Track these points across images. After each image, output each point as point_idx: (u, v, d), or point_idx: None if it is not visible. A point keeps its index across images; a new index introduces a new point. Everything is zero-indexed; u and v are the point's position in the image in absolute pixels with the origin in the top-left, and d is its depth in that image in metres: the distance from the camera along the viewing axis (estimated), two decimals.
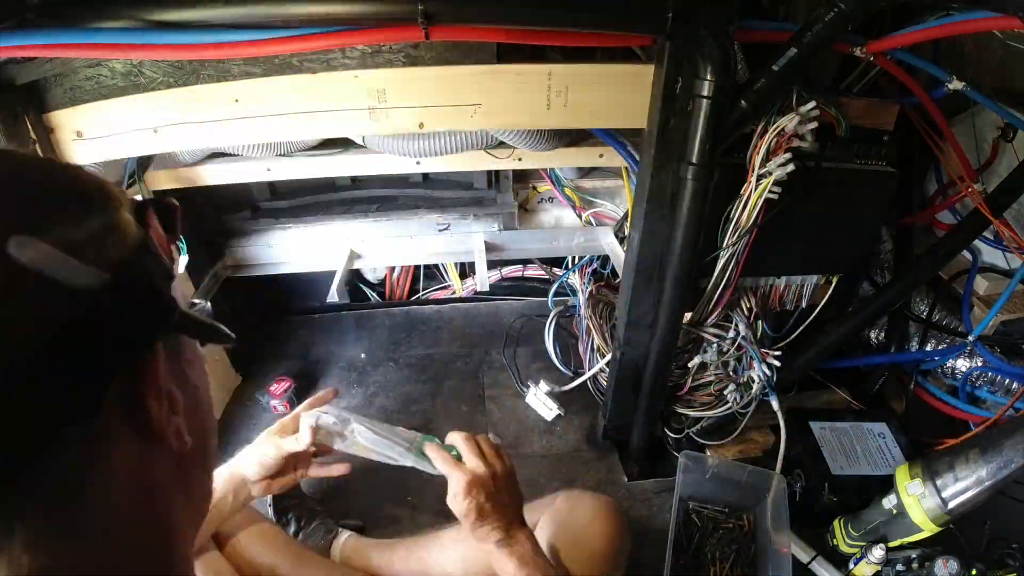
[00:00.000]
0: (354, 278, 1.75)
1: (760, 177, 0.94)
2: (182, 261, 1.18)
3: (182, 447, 0.34)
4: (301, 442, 0.83)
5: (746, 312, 1.16)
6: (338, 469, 0.91)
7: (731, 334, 1.15)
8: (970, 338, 1.25)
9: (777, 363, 1.16)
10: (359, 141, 1.18)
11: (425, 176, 1.48)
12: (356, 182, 1.50)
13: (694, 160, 0.88)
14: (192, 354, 0.38)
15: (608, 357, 1.29)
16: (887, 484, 1.04)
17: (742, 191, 0.97)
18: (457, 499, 0.73)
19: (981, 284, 1.29)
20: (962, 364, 1.32)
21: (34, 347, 0.26)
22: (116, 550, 0.31)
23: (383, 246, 1.47)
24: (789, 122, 0.91)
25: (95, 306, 0.28)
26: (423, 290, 1.80)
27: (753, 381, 1.18)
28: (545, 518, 0.93)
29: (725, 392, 1.21)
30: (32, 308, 0.26)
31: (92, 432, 0.29)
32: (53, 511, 0.27)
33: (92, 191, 0.32)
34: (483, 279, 1.37)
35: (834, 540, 1.13)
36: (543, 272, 1.73)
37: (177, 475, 0.35)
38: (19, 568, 0.26)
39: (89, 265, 0.28)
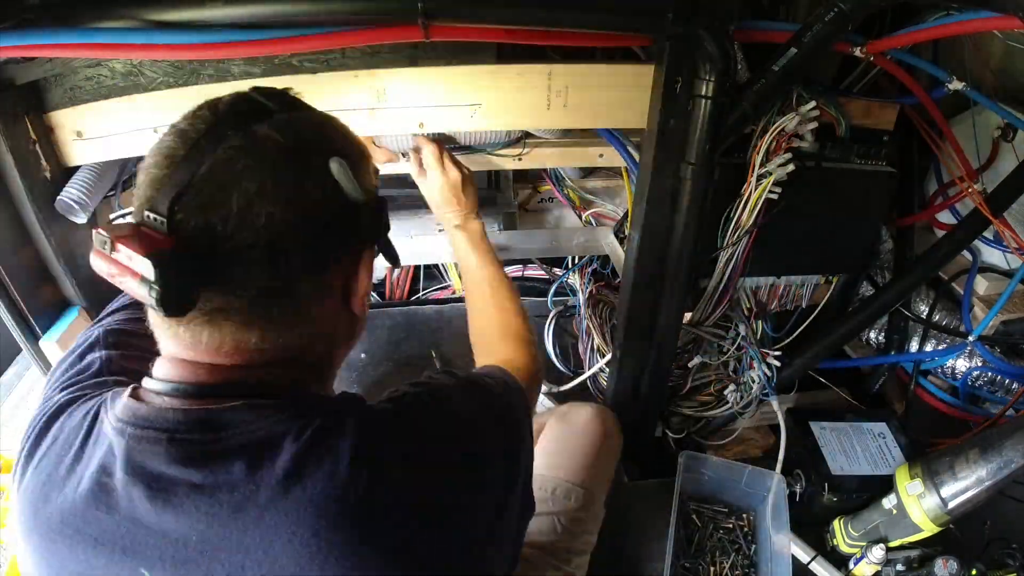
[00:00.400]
0: None
1: (760, 177, 0.94)
2: None
3: (360, 313, 0.54)
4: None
5: (746, 312, 1.16)
6: None
7: (731, 334, 1.15)
8: (970, 338, 1.25)
9: (777, 363, 1.16)
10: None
11: None
12: None
13: (694, 160, 0.88)
14: (372, 270, 0.58)
15: (608, 357, 1.29)
16: (887, 484, 1.04)
17: (742, 191, 0.97)
18: (437, 188, 0.98)
19: (981, 284, 1.28)
20: (962, 364, 1.32)
21: (322, 218, 0.46)
22: (302, 355, 0.50)
23: None
24: (789, 122, 0.91)
25: (353, 211, 0.48)
26: (423, 290, 1.79)
27: (753, 381, 1.18)
28: (551, 420, 1.07)
29: (725, 392, 1.21)
30: (327, 201, 0.47)
31: (320, 282, 0.49)
32: (286, 315, 0.47)
33: (363, 147, 0.54)
34: None
35: (834, 540, 1.13)
36: (543, 272, 1.73)
37: (347, 331, 0.55)
38: (248, 336, 0.45)
39: (358, 187, 0.48)
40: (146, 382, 0.48)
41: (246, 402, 0.45)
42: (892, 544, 1.03)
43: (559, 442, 1.02)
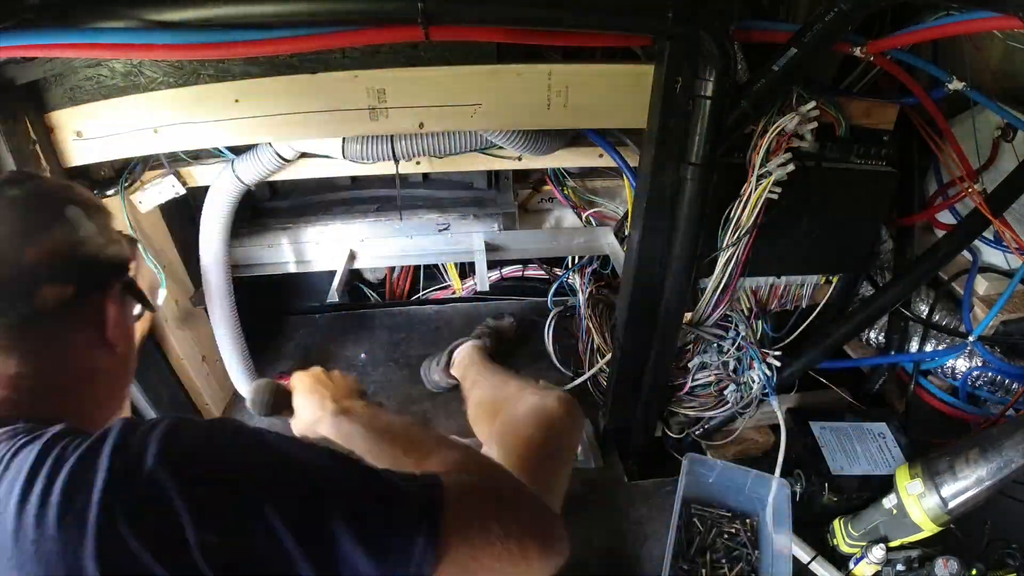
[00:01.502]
0: (354, 278, 1.75)
1: (760, 177, 0.94)
2: (161, 294, 1.20)
3: (115, 348, 0.59)
4: None
5: (746, 312, 1.16)
6: None
7: (731, 334, 1.15)
8: (970, 338, 1.25)
9: (777, 363, 1.16)
10: (337, 155, 1.15)
11: (425, 176, 1.48)
12: (356, 182, 1.50)
13: (694, 160, 0.88)
14: (132, 313, 0.64)
15: (608, 357, 1.29)
16: (887, 484, 1.04)
17: (742, 191, 0.97)
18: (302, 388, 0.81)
19: (981, 284, 1.28)
20: (962, 364, 1.32)
21: (66, 256, 0.55)
22: (65, 388, 0.55)
23: (383, 246, 1.47)
24: (789, 122, 0.91)
25: (93, 252, 0.58)
26: (423, 290, 1.79)
27: (753, 381, 1.18)
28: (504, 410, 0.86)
29: (725, 392, 1.21)
30: (68, 241, 0.56)
31: (72, 315, 0.56)
32: (41, 342, 0.54)
33: (102, 205, 0.62)
34: (483, 279, 1.36)
35: (834, 540, 1.13)
36: (543, 272, 1.73)
37: (111, 368, 0.60)
38: (8, 365, 0.52)
39: (96, 231, 0.58)
40: None
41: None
42: (892, 544, 1.03)
43: (505, 435, 0.78)
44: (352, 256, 1.43)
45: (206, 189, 1.22)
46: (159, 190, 1.14)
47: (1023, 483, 0.94)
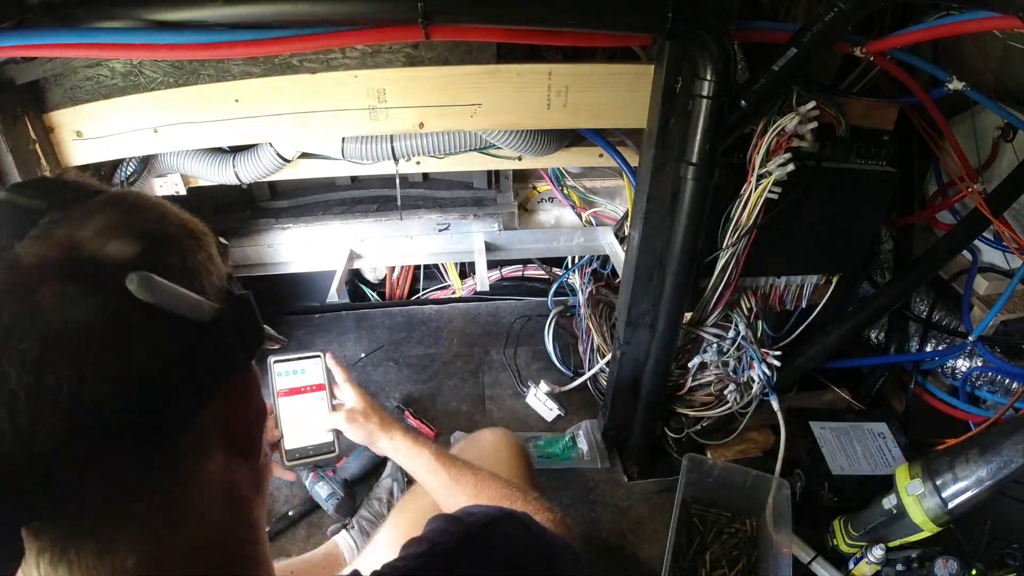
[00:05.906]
0: (354, 278, 1.75)
1: (760, 177, 0.94)
2: None
3: (261, 455, 0.40)
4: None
5: (746, 312, 1.16)
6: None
7: (731, 334, 1.15)
8: (970, 338, 1.25)
9: (777, 363, 1.16)
10: (337, 156, 1.16)
11: (425, 176, 1.48)
12: (356, 182, 1.50)
13: (694, 160, 0.88)
14: (257, 381, 0.40)
15: (608, 357, 1.29)
16: (887, 484, 1.04)
17: (742, 191, 0.97)
18: (357, 422, 0.83)
19: (981, 284, 1.29)
20: (962, 364, 1.32)
21: (149, 373, 0.29)
22: (214, 548, 0.35)
23: (383, 246, 1.48)
24: (789, 122, 0.91)
25: (205, 333, 0.32)
26: (423, 290, 1.79)
27: (753, 381, 1.18)
28: (458, 449, 0.96)
29: (725, 392, 1.21)
30: (147, 339, 0.30)
31: (190, 446, 0.33)
32: (162, 514, 0.32)
33: (192, 227, 0.36)
34: (483, 279, 1.36)
35: (834, 540, 1.13)
36: (543, 272, 1.73)
37: (254, 479, 0.40)
38: (123, 570, 0.30)
39: (201, 295, 0.32)
40: None
41: None
42: (892, 544, 1.03)
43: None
44: (352, 256, 1.44)
45: (207, 189, 1.22)
46: (160, 183, 1.14)
47: (1023, 483, 0.94)
